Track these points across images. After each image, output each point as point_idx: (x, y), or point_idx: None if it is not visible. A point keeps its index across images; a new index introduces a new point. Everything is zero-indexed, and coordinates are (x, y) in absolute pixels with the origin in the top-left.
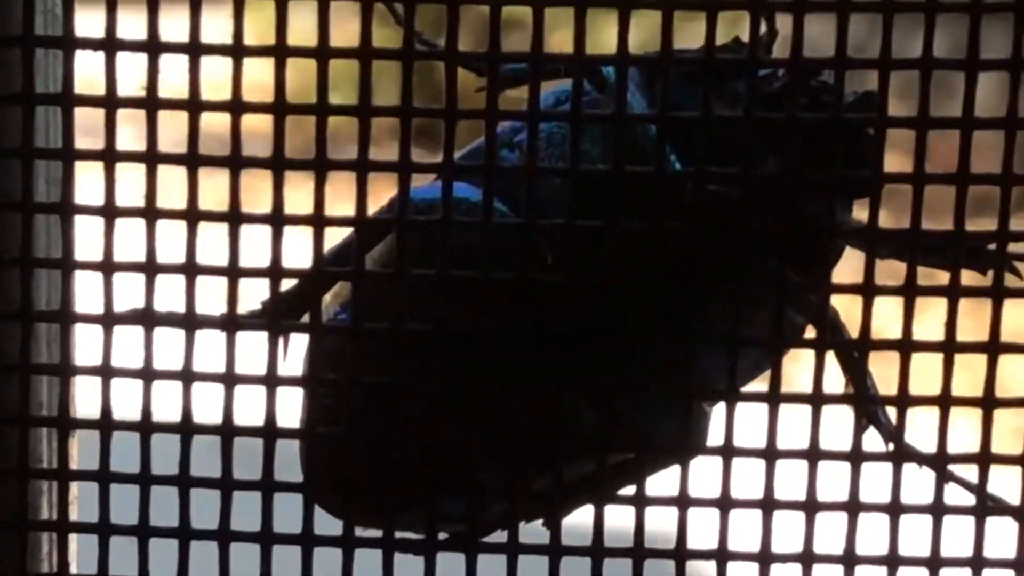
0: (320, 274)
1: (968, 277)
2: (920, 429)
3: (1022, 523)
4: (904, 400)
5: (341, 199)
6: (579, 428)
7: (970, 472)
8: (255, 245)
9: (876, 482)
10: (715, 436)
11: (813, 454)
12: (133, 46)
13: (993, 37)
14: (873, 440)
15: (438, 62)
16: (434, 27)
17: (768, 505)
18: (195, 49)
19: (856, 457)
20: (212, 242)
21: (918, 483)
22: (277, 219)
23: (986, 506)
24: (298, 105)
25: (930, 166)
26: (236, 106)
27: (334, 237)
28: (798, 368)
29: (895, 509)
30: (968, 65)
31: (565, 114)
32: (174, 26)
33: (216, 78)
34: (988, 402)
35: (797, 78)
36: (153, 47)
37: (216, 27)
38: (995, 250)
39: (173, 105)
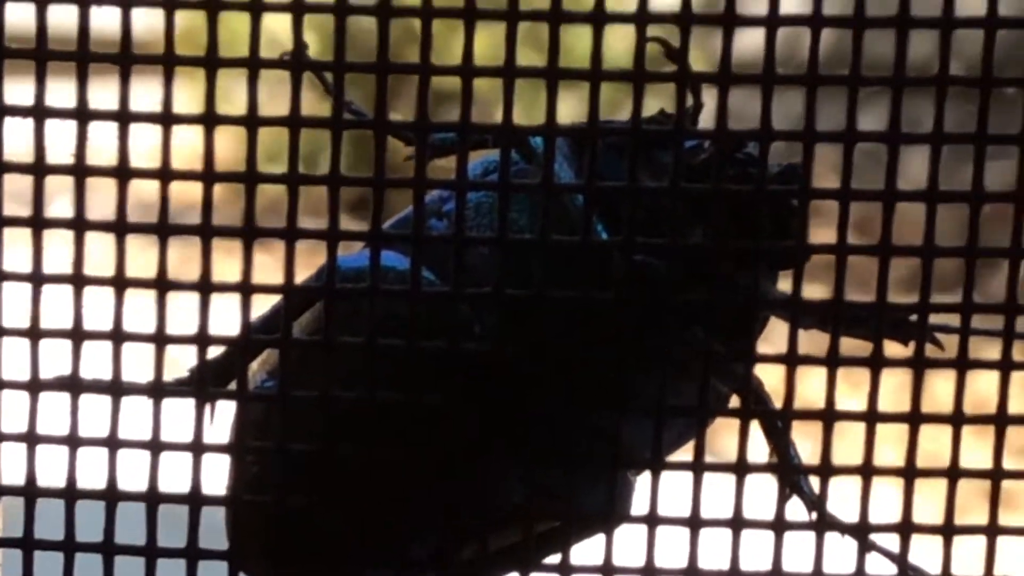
0: (247, 342)
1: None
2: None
3: None
4: (827, 470)
5: (271, 269)
6: (506, 498)
7: (892, 542)
8: (184, 312)
9: (799, 551)
10: (640, 505)
11: (737, 523)
12: (62, 113)
13: (920, 110)
14: (797, 509)
15: None
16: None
17: (692, 574)
18: (124, 117)
19: (779, 526)
20: (140, 309)
21: (841, 552)
22: (204, 286)
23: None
24: (226, 173)
25: (867, 239)
26: (164, 174)
27: (262, 305)
28: (724, 437)
29: None
30: (890, 138)
31: (493, 184)
32: (107, 95)
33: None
34: (910, 472)
35: (722, 149)
36: (82, 115)
37: (153, 95)
38: (917, 322)
39: (101, 172)
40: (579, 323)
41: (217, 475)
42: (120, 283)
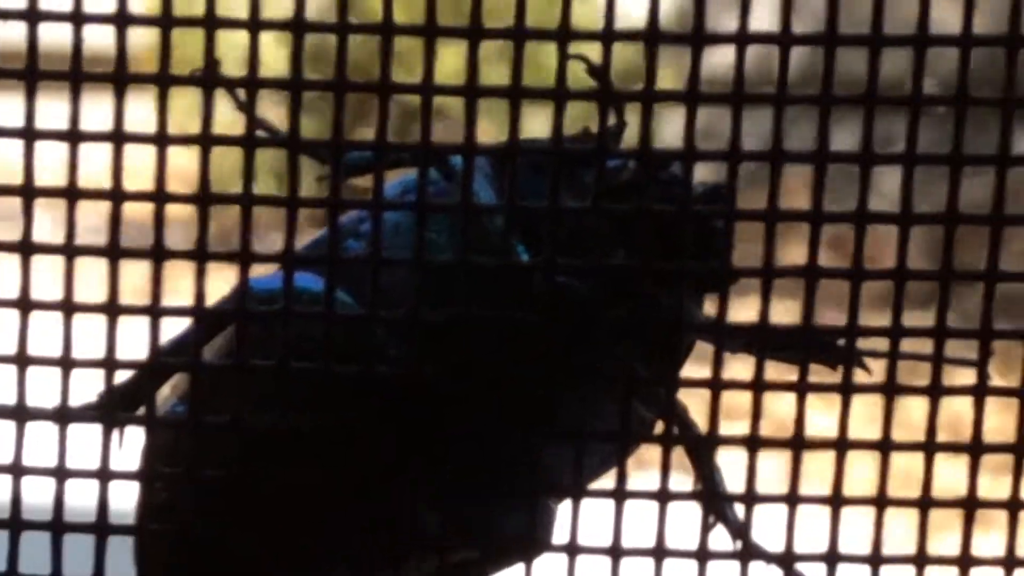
0: (156, 365)
1: None
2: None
3: None
4: (752, 497)
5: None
6: (421, 526)
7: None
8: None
9: None
10: (560, 534)
11: (659, 552)
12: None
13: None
14: (721, 538)
15: None
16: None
17: None
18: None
19: (703, 555)
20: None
21: None
22: (112, 308)
23: None
24: (134, 193)
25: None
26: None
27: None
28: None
29: None
30: (815, 157)
31: (410, 204)
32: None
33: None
34: (836, 500)
35: (646, 169)
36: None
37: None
38: (844, 346)
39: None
40: (499, 345)
41: (127, 501)
42: (24, 305)
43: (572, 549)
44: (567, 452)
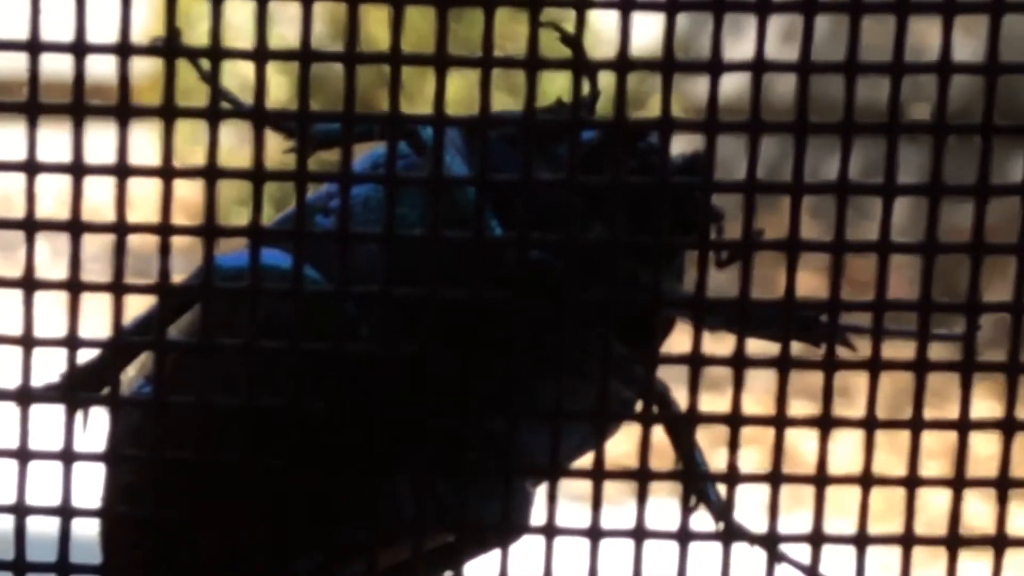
0: (120, 344)
1: None
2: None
3: None
4: (734, 477)
5: None
6: (396, 510)
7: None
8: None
9: (705, 562)
10: (538, 516)
11: (640, 533)
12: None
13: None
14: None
15: None
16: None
17: None
18: (78, 169)
19: (684, 536)
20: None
21: (749, 563)
22: (74, 285)
23: None
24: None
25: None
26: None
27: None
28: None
29: None
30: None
31: (379, 176)
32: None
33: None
34: (820, 479)
35: (621, 138)
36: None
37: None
38: (827, 322)
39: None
40: (473, 323)
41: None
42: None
43: (550, 531)
44: (544, 433)
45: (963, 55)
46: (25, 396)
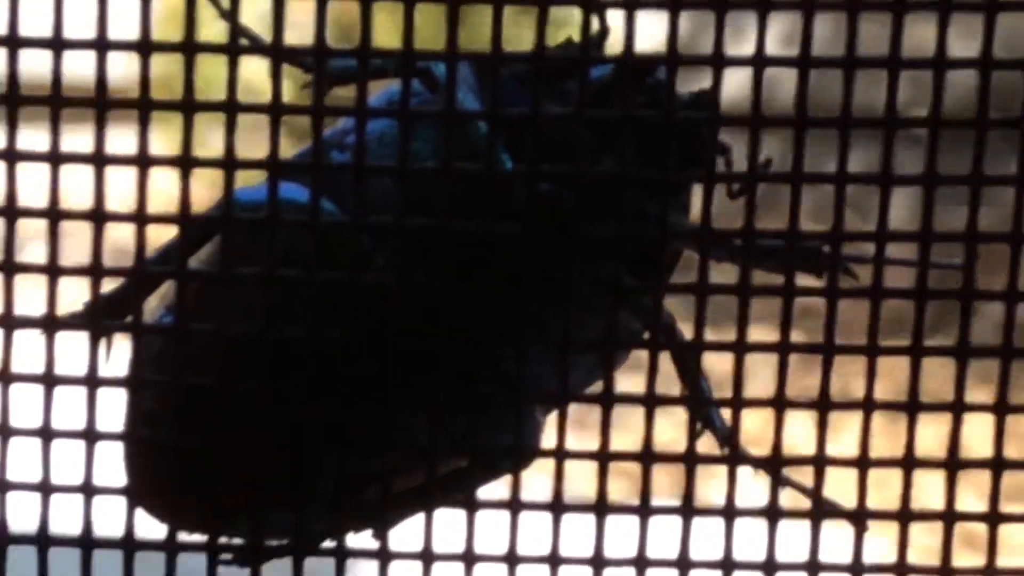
0: (142, 273)
1: None
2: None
3: (857, 527)
4: (739, 402)
5: None
6: (408, 437)
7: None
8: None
9: (711, 487)
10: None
11: (647, 456)
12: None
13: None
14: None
15: None
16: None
17: (600, 510)
18: (99, 160)
19: (691, 459)
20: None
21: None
22: (98, 216)
23: (821, 509)
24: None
25: None
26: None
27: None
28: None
29: (730, 513)
30: (800, 62)
31: (393, 111)
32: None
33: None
34: (823, 404)
35: (628, 74)
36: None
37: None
38: (829, 252)
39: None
40: (484, 254)
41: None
42: (11, 213)
43: (559, 454)
44: (553, 365)
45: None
46: (50, 324)
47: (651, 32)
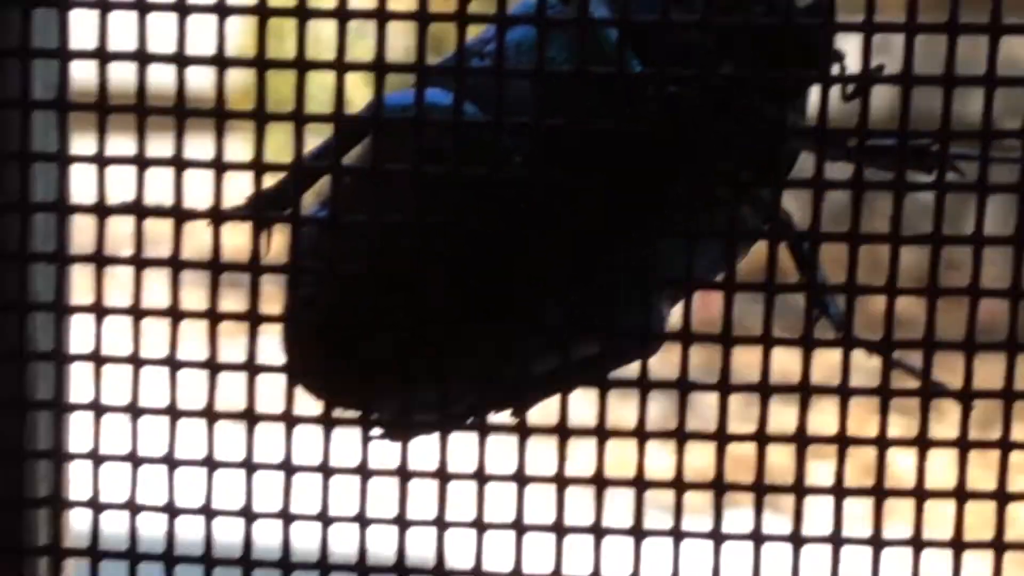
0: (301, 168)
1: None
2: None
3: (964, 406)
4: (852, 288)
5: None
6: (545, 320)
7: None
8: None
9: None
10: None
11: (767, 340)
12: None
13: None
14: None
15: None
16: None
17: (724, 388)
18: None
19: (808, 343)
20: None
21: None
22: (260, 116)
23: (931, 389)
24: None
25: None
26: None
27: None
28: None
29: (844, 392)
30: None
31: (531, 17)
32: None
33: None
34: (933, 291)
35: None
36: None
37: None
38: (938, 150)
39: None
40: (615, 152)
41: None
42: (181, 114)
43: (686, 337)
44: (680, 253)
45: None
46: (217, 215)
47: None
